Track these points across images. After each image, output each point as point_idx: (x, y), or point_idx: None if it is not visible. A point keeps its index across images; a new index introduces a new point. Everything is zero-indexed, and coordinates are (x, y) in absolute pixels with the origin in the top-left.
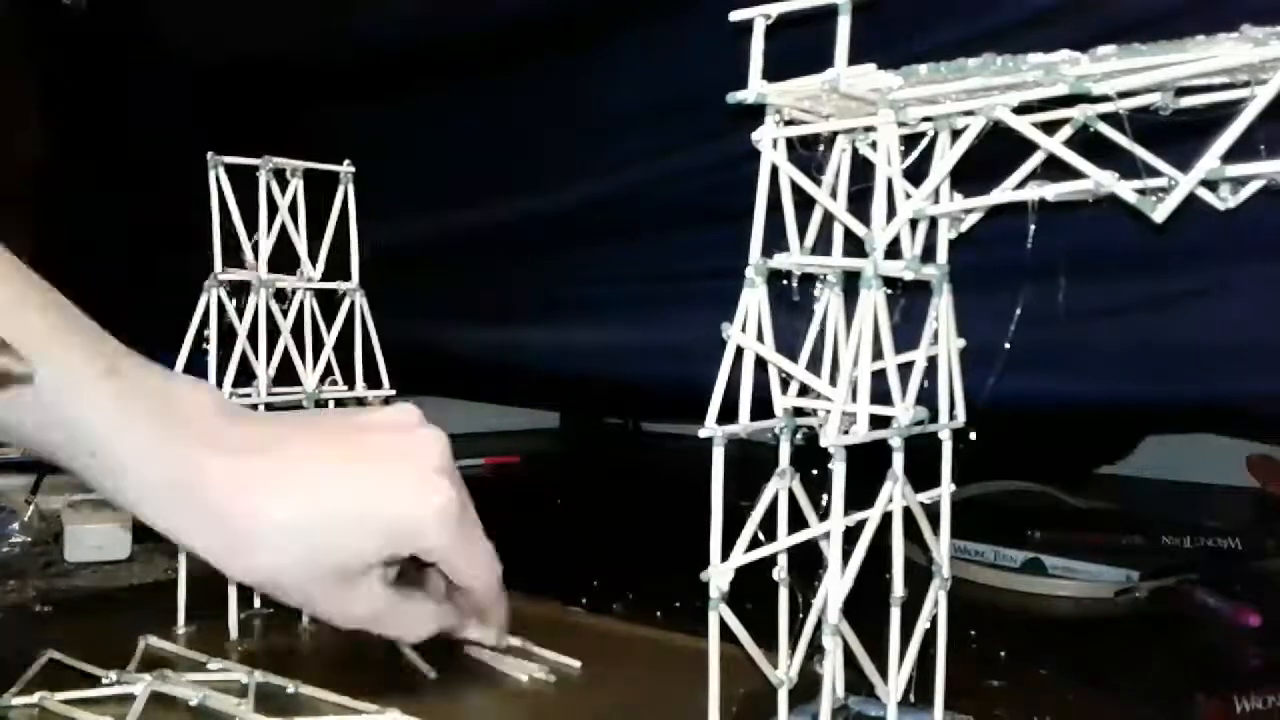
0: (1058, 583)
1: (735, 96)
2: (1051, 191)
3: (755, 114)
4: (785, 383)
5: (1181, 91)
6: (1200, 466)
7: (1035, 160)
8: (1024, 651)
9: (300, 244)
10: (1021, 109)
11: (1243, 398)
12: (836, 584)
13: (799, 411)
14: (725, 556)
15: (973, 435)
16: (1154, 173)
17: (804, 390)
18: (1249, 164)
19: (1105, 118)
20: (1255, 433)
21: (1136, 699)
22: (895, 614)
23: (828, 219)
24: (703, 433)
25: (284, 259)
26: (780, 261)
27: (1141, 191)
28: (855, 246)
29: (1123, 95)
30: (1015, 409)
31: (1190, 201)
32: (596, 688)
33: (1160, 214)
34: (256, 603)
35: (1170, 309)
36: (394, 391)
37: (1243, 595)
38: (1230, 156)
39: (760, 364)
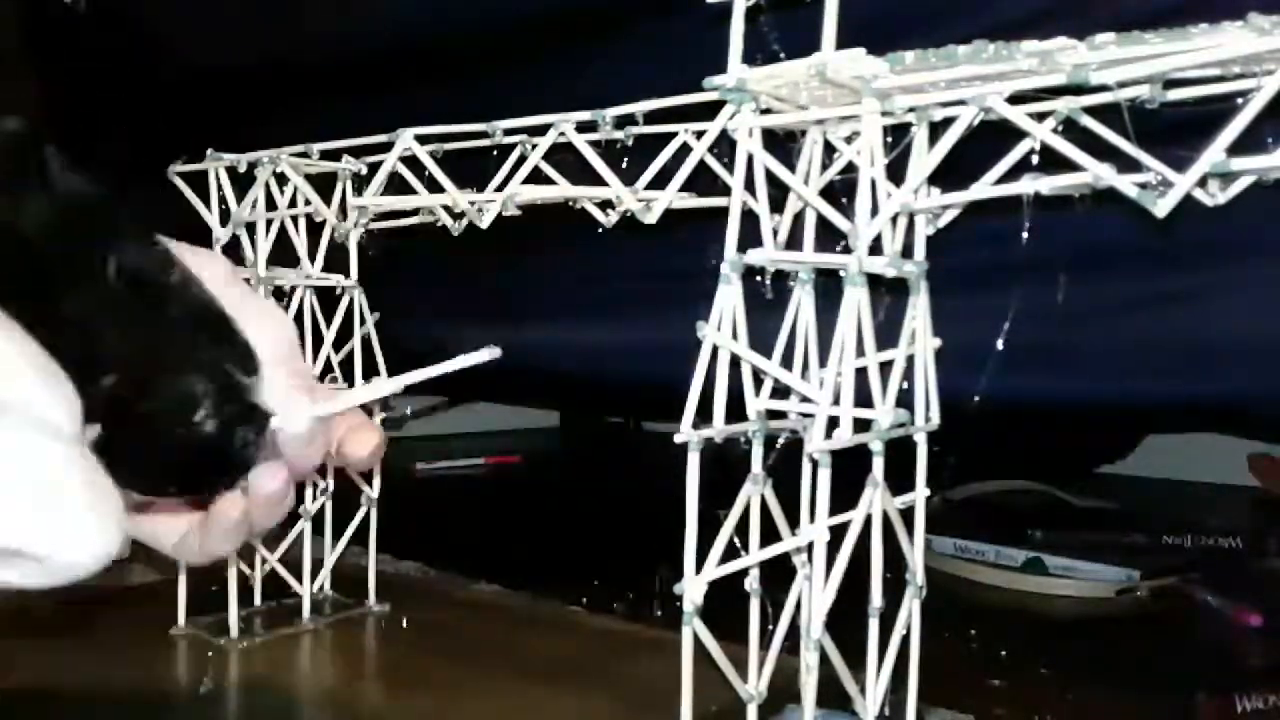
0: (1058, 582)
1: (713, 81)
2: (1047, 184)
3: None
4: (758, 384)
5: (1169, 85)
6: (1200, 466)
7: (1018, 153)
8: (1024, 651)
9: (299, 242)
10: (1010, 102)
11: (1243, 397)
12: (820, 597)
13: (772, 414)
14: (701, 565)
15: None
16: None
17: (776, 392)
18: (1253, 158)
19: (1089, 111)
20: (1256, 432)
21: (1137, 698)
22: (874, 625)
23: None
24: (678, 438)
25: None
26: (755, 257)
27: (1142, 186)
28: (824, 244)
29: (1122, 86)
30: (1017, 408)
31: (1188, 200)
32: (595, 686)
33: (1162, 209)
34: (257, 601)
35: (1170, 309)
36: None
37: (1243, 595)
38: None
39: (737, 364)
